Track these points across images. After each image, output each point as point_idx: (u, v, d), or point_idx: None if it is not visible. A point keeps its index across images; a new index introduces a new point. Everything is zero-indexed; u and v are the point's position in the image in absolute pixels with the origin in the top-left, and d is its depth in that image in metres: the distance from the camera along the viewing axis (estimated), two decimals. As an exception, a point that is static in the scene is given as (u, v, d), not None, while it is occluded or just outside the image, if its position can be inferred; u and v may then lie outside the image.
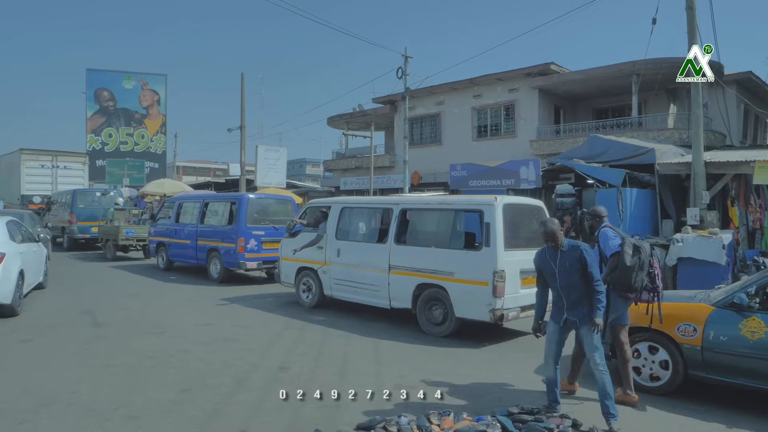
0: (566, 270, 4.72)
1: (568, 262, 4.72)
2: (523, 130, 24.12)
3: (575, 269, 4.69)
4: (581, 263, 4.67)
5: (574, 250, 4.73)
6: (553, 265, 4.78)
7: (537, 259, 5.00)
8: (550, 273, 4.83)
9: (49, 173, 26.80)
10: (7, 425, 4.48)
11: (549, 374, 4.94)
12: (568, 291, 4.75)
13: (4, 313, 8.53)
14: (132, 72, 48.51)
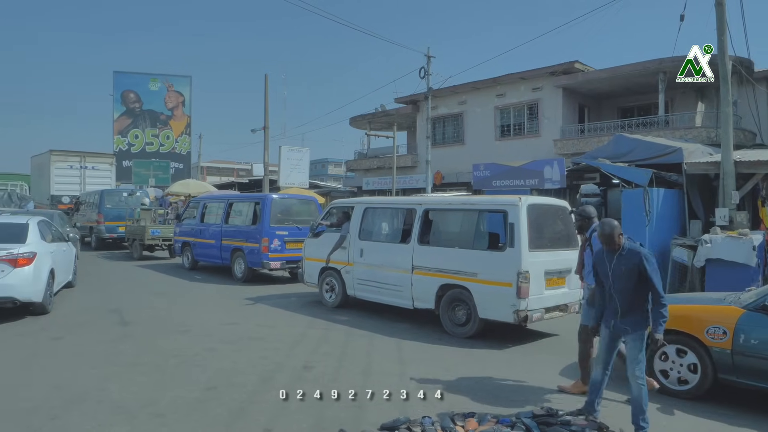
0: (621, 274, 4.50)
1: (624, 266, 4.49)
2: (546, 129, 23.89)
3: (632, 275, 4.46)
4: (639, 271, 4.43)
5: (634, 255, 4.47)
6: (608, 267, 4.58)
7: (595, 258, 4.86)
8: (604, 274, 4.64)
9: (77, 174, 27.33)
10: (39, 421, 4.59)
11: (595, 376, 4.83)
12: (621, 296, 4.53)
13: (35, 311, 8.73)
14: (157, 74, 49.25)
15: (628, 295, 4.51)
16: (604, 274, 4.65)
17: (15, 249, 8.32)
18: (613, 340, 4.72)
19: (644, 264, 4.42)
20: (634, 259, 4.46)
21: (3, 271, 8.08)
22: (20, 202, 22.65)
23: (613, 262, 4.55)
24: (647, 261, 4.44)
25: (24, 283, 8.22)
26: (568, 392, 5.55)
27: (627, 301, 4.52)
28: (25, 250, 8.43)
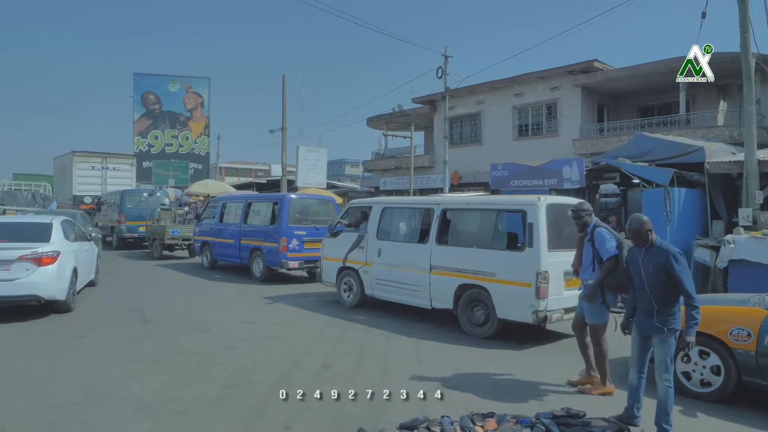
0: (650, 272, 4.43)
1: (652, 264, 4.42)
2: (565, 129, 23.71)
3: (660, 273, 4.39)
4: (667, 270, 4.35)
5: (662, 253, 4.40)
6: (639, 263, 4.53)
7: (627, 255, 4.83)
8: (635, 271, 4.59)
9: (99, 174, 27.74)
10: (64, 417, 4.67)
11: (631, 380, 4.75)
12: (651, 294, 4.45)
13: (59, 308, 8.88)
14: (177, 75, 49.81)
15: (658, 294, 4.42)
16: (635, 271, 4.59)
17: (39, 248, 8.47)
18: (645, 340, 4.63)
19: (671, 262, 4.33)
20: (661, 257, 4.38)
21: (28, 270, 8.23)
22: (43, 203, 23.06)
23: (642, 258, 4.50)
24: (675, 260, 4.34)
25: (48, 281, 8.37)
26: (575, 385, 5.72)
27: (657, 299, 4.42)
28: (49, 249, 8.58)
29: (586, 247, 5.62)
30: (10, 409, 4.82)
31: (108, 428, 4.44)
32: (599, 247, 5.47)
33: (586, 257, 5.63)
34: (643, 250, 4.50)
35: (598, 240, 5.49)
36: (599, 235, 5.52)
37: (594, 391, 5.56)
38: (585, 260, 5.65)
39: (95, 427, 4.47)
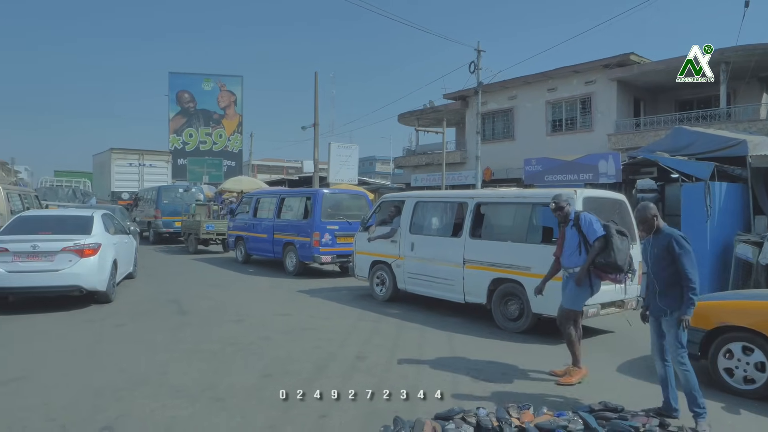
0: (655, 256, 4.61)
1: (657, 248, 4.60)
2: (600, 123, 23.29)
3: (664, 257, 4.53)
4: (670, 252, 4.49)
5: (665, 238, 4.56)
6: (648, 249, 4.71)
7: (643, 243, 4.97)
8: (646, 258, 4.75)
9: (136, 171, 28.39)
10: (106, 401, 4.80)
11: (658, 371, 4.74)
12: (657, 278, 4.62)
13: (100, 299, 9.13)
14: (210, 74, 50.61)
15: (662, 276, 4.57)
16: (646, 258, 4.75)
17: (81, 240, 8.71)
18: (657, 325, 4.72)
19: (673, 244, 4.48)
20: (665, 241, 4.54)
21: (70, 261, 8.48)
22: (83, 198, 23.68)
23: (650, 244, 4.68)
24: (677, 242, 4.48)
25: (89, 272, 8.61)
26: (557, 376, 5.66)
27: (661, 282, 4.58)
28: (91, 241, 8.82)
29: (570, 234, 5.70)
30: (55, 393, 4.97)
31: (148, 413, 4.54)
32: (587, 230, 5.60)
33: (571, 243, 5.68)
34: (651, 238, 4.68)
35: (585, 224, 5.63)
36: (585, 218, 5.67)
37: (573, 378, 5.55)
38: (569, 247, 5.70)
39: (136, 411, 4.58)
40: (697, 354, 5.56)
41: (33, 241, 8.41)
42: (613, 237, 5.55)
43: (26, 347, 6.57)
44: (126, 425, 4.30)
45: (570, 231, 5.70)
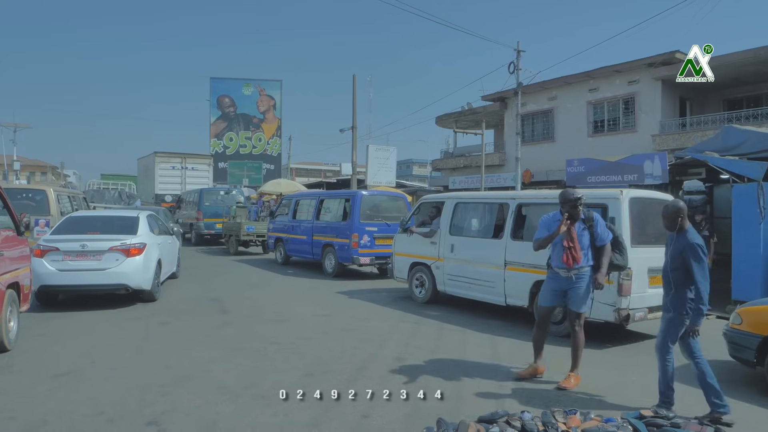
0: (673, 255, 4.71)
1: (676, 248, 4.69)
2: (644, 124, 22.69)
3: (678, 258, 4.66)
4: (683, 257, 4.61)
5: (685, 241, 4.65)
6: (668, 248, 4.82)
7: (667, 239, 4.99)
8: (666, 254, 4.85)
9: (178, 174, 29.05)
10: (152, 396, 4.88)
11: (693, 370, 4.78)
12: (672, 276, 4.73)
13: (145, 298, 9.33)
14: (250, 79, 51.39)
15: (674, 276, 4.70)
16: (666, 255, 4.86)
17: (128, 240, 8.93)
18: None
19: (688, 252, 4.58)
20: (683, 244, 4.63)
21: (117, 260, 8.69)
22: (128, 200, 24.40)
23: (672, 241, 4.77)
24: (692, 251, 4.56)
25: (135, 271, 8.81)
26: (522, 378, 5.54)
27: (674, 281, 4.70)
28: (136, 240, 9.03)
29: (581, 234, 5.40)
30: (103, 388, 5.09)
31: (192, 409, 4.60)
32: (601, 231, 5.45)
33: (583, 243, 5.41)
34: (675, 235, 4.76)
35: (600, 225, 5.47)
36: (600, 220, 5.52)
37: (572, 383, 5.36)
38: (581, 247, 5.40)
39: (180, 406, 4.64)
40: (752, 360, 5.33)
41: (82, 241, 8.66)
42: (621, 237, 5.59)
43: (75, 343, 6.75)
44: (171, 420, 4.35)
45: (581, 231, 5.41)
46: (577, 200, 5.36)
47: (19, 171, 44.07)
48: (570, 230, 5.36)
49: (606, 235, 5.45)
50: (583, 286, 5.40)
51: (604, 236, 5.44)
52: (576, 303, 5.44)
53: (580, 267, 5.38)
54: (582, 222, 5.43)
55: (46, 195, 12.95)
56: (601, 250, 5.44)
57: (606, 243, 5.44)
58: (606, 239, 5.45)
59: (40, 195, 13.07)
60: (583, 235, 5.41)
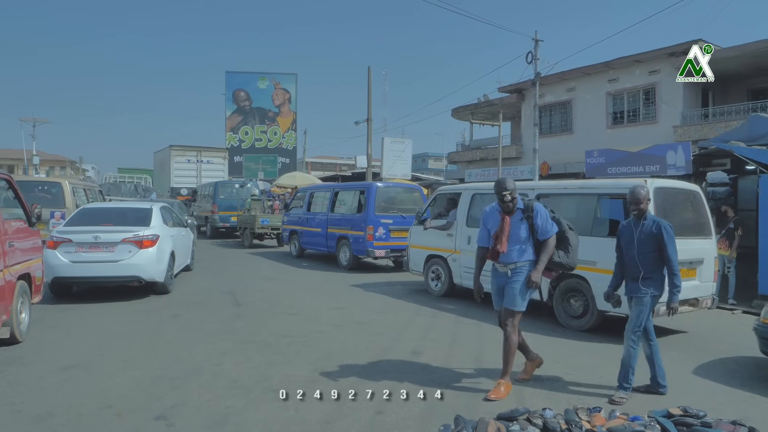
0: (642, 241, 4.80)
1: (644, 234, 4.79)
2: (665, 114, 22.20)
3: (651, 242, 4.77)
4: (657, 239, 4.75)
5: (654, 225, 4.80)
6: (632, 234, 4.87)
7: (622, 225, 5.13)
8: (628, 241, 4.90)
9: (194, 167, 29.09)
10: (162, 390, 4.76)
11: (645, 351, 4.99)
12: (640, 262, 4.80)
13: (158, 290, 9.26)
14: (266, 72, 51.34)
15: (646, 261, 4.79)
16: (627, 242, 4.91)
17: (140, 231, 8.85)
18: None
19: (662, 233, 4.74)
20: (653, 228, 4.78)
21: (130, 252, 8.62)
22: (144, 194, 24.48)
23: (636, 229, 4.86)
24: (666, 231, 4.75)
25: (148, 263, 8.73)
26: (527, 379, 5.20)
27: (645, 266, 4.79)
28: (149, 232, 8.95)
29: (517, 225, 4.86)
30: (113, 381, 4.99)
31: (202, 403, 4.47)
32: (543, 223, 4.86)
33: (519, 236, 4.85)
34: (633, 222, 4.91)
35: (542, 216, 4.88)
36: (541, 210, 4.93)
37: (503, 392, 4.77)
38: (516, 240, 4.86)
39: (190, 400, 4.52)
40: None
41: (95, 233, 8.59)
42: (568, 233, 5.02)
43: (87, 335, 6.68)
44: (181, 414, 4.23)
45: (518, 222, 4.88)
46: (502, 191, 4.80)
47: (38, 165, 44.54)
48: (503, 221, 4.88)
49: (548, 228, 4.88)
50: (519, 282, 4.83)
51: (546, 229, 4.87)
52: (509, 299, 4.86)
53: (516, 262, 4.85)
54: (521, 212, 4.91)
55: (62, 187, 12.95)
56: (542, 245, 4.89)
57: (548, 237, 4.87)
58: (548, 233, 4.87)
59: (56, 187, 13.08)
60: (521, 227, 4.86)
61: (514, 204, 4.87)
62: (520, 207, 4.93)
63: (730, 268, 9.61)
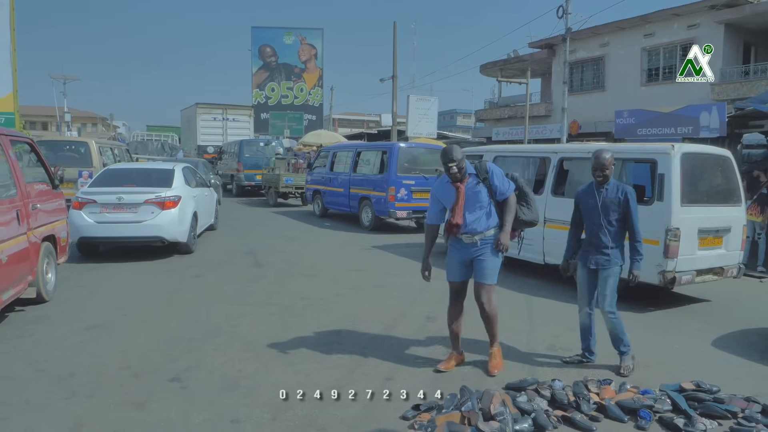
0: (606, 208, 4.59)
1: (610, 200, 4.58)
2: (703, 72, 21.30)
3: (616, 209, 4.58)
4: (620, 206, 4.57)
5: (619, 189, 4.60)
6: (597, 201, 4.62)
7: (581, 192, 4.83)
8: (591, 209, 4.65)
9: (220, 125, 29.18)
10: (179, 351, 4.89)
11: (582, 320, 4.84)
12: (606, 228, 4.60)
13: (181, 250, 9.43)
14: (291, 27, 50.66)
15: (613, 228, 4.60)
16: (591, 208, 4.66)
17: (162, 192, 8.96)
18: (593, 277, 4.71)
19: (629, 198, 4.56)
20: (619, 193, 4.58)
21: (152, 213, 8.75)
22: (171, 152, 24.73)
23: (600, 195, 4.61)
24: (632, 197, 4.58)
25: (170, 223, 8.87)
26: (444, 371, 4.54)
27: (612, 234, 4.60)
28: (171, 193, 9.05)
29: (475, 191, 4.44)
30: (132, 341, 5.12)
31: (216, 365, 4.57)
32: (500, 182, 4.47)
33: (478, 203, 4.45)
34: (596, 187, 4.65)
35: (497, 176, 4.48)
36: (495, 169, 4.52)
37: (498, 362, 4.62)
38: (475, 207, 4.45)
39: (205, 362, 4.63)
40: None
41: (118, 194, 8.73)
42: (525, 187, 4.70)
43: (111, 295, 6.86)
44: (195, 377, 4.34)
45: (474, 188, 4.44)
46: (448, 162, 4.32)
47: (70, 122, 45.23)
48: (458, 191, 4.44)
49: (506, 186, 4.51)
50: (489, 254, 4.52)
51: (504, 189, 4.49)
52: (481, 273, 4.57)
53: (484, 231, 4.48)
54: (475, 177, 4.48)
55: (89, 147, 13.16)
56: (504, 206, 4.51)
57: (507, 196, 4.50)
58: (507, 192, 4.50)
59: (83, 147, 13.31)
60: (479, 192, 4.44)
61: (462, 173, 4.41)
62: (472, 172, 4.49)
63: (761, 234, 9.33)
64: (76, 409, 3.75)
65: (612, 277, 4.61)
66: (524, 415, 3.61)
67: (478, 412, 3.49)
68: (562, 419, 3.68)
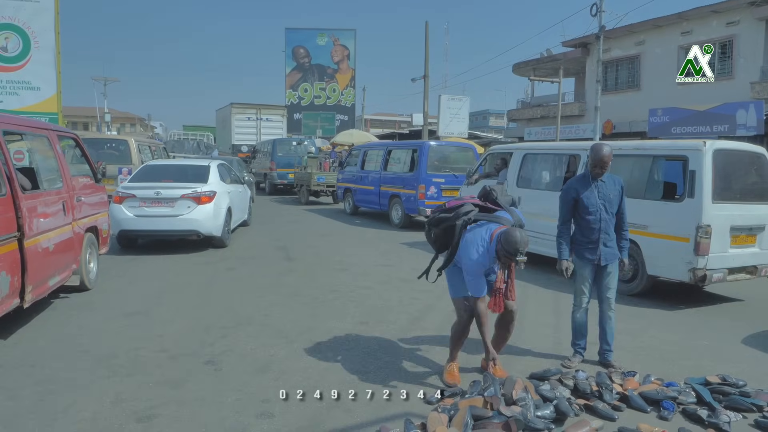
0: (609, 201, 4.54)
1: (611, 194, 4.55)
2: (742, 70, 20.75)
3: (616, 201, 4.57)
4: (618, 201, 4.58)
5: (617, 182, 4.61)
6: (597, 195, 4.54)
7: (578, 187, 4.62)
8: (593, 204, 4.52)
9: (254, 125, 29.68)
10: (212, 337, 5.09)
11: (582, 318, 4.76)
12: (608, 222, 4.56)
13: (216, 244, 9.71)
14: (324, 29, 51.00)
15: (612, 222, 4.59)
16: (592, 203, 4.53)
17: (198, 188, 9.24)
18: (597, 273, 4.64)
19: (622, 190, 4.61)
20: (617, 185, 4.59)
21: (189, 207, 9.04)
22: (207, 151, 25.27)
23: (600, 188, 4.55)
24: (624, 188, 4.64)
25: (206, 218, 9.14)
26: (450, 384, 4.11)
27: (612, 227, 4.60)
28: (207, 189, 9.33)
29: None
30: (169, 328, 5.35)
31: (249, 350, 4.76)
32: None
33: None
34: (598, 182, 4.56)
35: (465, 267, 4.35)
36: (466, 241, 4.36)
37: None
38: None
39: (238, 347, 4.82)
40: None
41: (156, 189, 9.04)
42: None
43: (149, 285, 7.14)
44: (228, 360, 4.52)
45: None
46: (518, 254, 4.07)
47: (110, 122, 46.58)
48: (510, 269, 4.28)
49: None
50: None
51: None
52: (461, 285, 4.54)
53: None
54: None
55: (128, 145, 13.61)
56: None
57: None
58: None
59: (123, 145, 13.76)
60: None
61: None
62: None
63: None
64: (116, 387, 3.97)
65: (616, 271, 4.66)
66: (546, 402, 3.68)
67: (500, 397, 3.57)
68: (584, 407, 3.73)
